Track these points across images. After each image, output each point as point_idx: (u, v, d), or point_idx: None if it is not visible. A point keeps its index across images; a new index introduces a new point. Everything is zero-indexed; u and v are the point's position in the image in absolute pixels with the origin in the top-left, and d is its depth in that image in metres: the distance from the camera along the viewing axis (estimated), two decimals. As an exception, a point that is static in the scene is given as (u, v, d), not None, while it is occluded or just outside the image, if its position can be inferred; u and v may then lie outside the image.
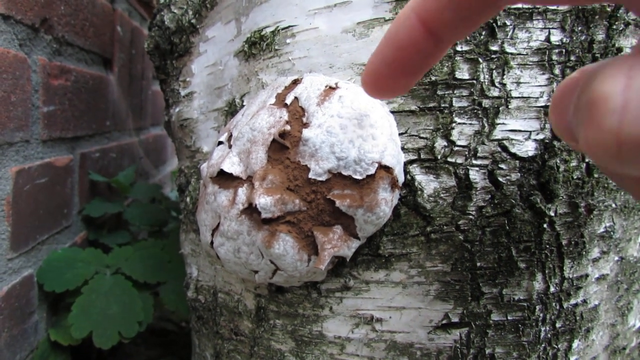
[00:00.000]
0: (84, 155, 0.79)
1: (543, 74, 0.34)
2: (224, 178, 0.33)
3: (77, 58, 0.76)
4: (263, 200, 0.30)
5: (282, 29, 0.37)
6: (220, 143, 0.35)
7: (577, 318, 0.37)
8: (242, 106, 0.40)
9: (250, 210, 0.31)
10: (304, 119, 0.31)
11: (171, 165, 1.51)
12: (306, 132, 0.30)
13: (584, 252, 0.37)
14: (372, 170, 0.29)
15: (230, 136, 0.35)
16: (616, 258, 0.40)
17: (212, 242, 0.34)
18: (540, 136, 0.34)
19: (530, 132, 0.34)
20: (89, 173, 0.80)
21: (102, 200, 0.82)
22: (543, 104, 0.34)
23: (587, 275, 0.37)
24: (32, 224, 0.61)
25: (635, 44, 0.20)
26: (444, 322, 0.35)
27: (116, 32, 0.93)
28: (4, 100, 0.53)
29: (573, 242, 0.36)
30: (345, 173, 0.29)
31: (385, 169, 0.30)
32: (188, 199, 0.49)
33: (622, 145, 0.13)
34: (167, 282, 0.66)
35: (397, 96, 0.25)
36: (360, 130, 0.30)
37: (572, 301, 0.37)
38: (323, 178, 0.29)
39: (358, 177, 0.29)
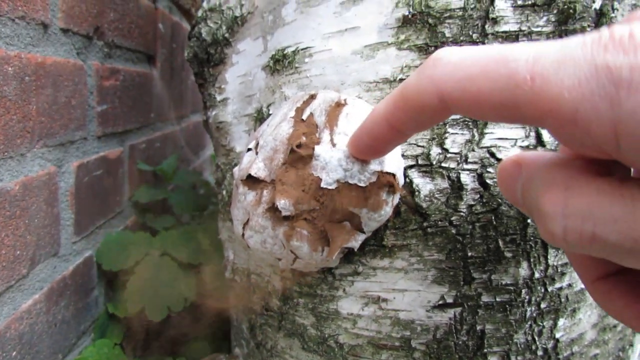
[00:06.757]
0: (132, 147, 0.87)
1: (529, 88, 0.38)
2: (251, 180, 0.39)
3: (125, 58, 0.83)
4: (283, 201, 0.36)
5: (301, 49, 0.43)
6: (249, 149, 0.42)
7: (562, 300, 0.42)
8: (269, 115, 0.46)
9: (273, 208, 0.37)
10: (317, 134, 0.37)
11: (209, 149, 1.59)
12: (317, 149, 0.36)
13: (569, 243, 0.41)
14: (374, 179, 0.35)
15: (257, 144, 0.41)
16: (605, 247, 0.44)
17: (243, 234, 0.41)
18: (525, 143, 0.39)
19: (516, 139, 0.39)
20: (137, 163, 0.89)
21: (149, 187, 0.91)
22: (528, 115, 0.38)
23: (572, 263, 0.42)
24: (91, 211, 0.69)
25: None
26: (440, 302, 0.40)
27: (158, 30, 1.01)
28: (66, 105, 0.61)
29: (557, 234, 0.41)
30: (351, 182, 0.35)
31: (386, 175, 0.36)
32: (224, 192, 0.56)
33: (569, 244, 0.21)
34: (207, 263, 0.73)
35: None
36: (363, 143, 0.35)
37: (557, 285, 0.42)
38: (333, 187, 0.35)
39: (362, 185, 0.35)
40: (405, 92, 0.25)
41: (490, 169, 0.38)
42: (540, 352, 0.43)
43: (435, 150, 0.39)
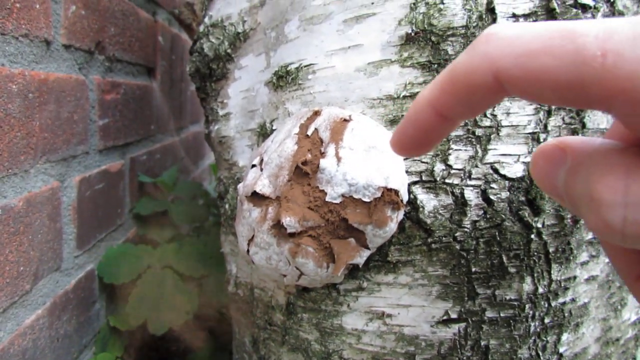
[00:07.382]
0: (133, 159, 0.87)
1: (530, 104, 0.39)
2: (256, 197, 0.40)
3: (125, 72, 0.84)
4: (288, 219, 0.36)
5: (305, 66, 0.43)
6: (253, 166, 0.42)
7: (566, 314, 0.43)
8: (272, 130, 0.47)
9: (279, 225, 0.38)
10: (322, 149, 0.37)
11: (208, 159, 1.60)
12: (323, 162, 0.36)
13: (571, 257, 0.42)
14: (378, 194, 0.35)
15: (262, 160, 0.41)
16: (607, 260, 0.45)
17: (248, 250, 0.41)
18: (528, 159, 0.39)
19: (519, 155, 0.39)
20: (138, 175, 0.89)
21: (150, 198, 0.91)
22: (530, 131, 0.39)
23: (575, 277, 0.42)
24: (92, 224, 0.69)
25: (613, 126, 0.25)
26: (444, 317, 0.40)
27: (158, 42, 1.01)
28: (68, 120, 0.61)
29: (560, 249, 0.41)
30: (356, 196, 0.35)
31: (390, 191, 0.36)
32: (227, 206, 0.56)
33: (626, 236, 0.18)
34: (209, 275, 0.73)
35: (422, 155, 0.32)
36: (368, 160, 0.36)
37: (561, 300, 0.42)
38: (338, 201, 0.36)
39: (367, 200, 0.35)
40: (453, 72, 0.22)
41: (493, 185, 0.39)
42: (544, 366, 0.43)
43: (439, 167, 0.39)
